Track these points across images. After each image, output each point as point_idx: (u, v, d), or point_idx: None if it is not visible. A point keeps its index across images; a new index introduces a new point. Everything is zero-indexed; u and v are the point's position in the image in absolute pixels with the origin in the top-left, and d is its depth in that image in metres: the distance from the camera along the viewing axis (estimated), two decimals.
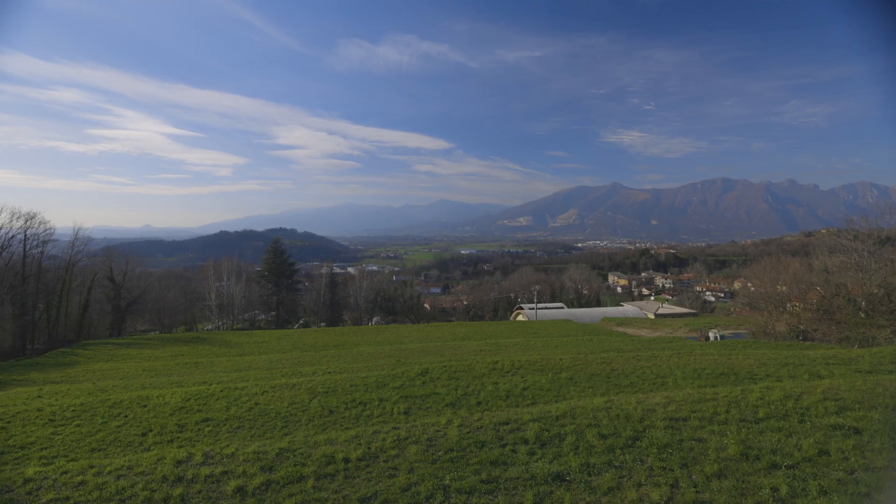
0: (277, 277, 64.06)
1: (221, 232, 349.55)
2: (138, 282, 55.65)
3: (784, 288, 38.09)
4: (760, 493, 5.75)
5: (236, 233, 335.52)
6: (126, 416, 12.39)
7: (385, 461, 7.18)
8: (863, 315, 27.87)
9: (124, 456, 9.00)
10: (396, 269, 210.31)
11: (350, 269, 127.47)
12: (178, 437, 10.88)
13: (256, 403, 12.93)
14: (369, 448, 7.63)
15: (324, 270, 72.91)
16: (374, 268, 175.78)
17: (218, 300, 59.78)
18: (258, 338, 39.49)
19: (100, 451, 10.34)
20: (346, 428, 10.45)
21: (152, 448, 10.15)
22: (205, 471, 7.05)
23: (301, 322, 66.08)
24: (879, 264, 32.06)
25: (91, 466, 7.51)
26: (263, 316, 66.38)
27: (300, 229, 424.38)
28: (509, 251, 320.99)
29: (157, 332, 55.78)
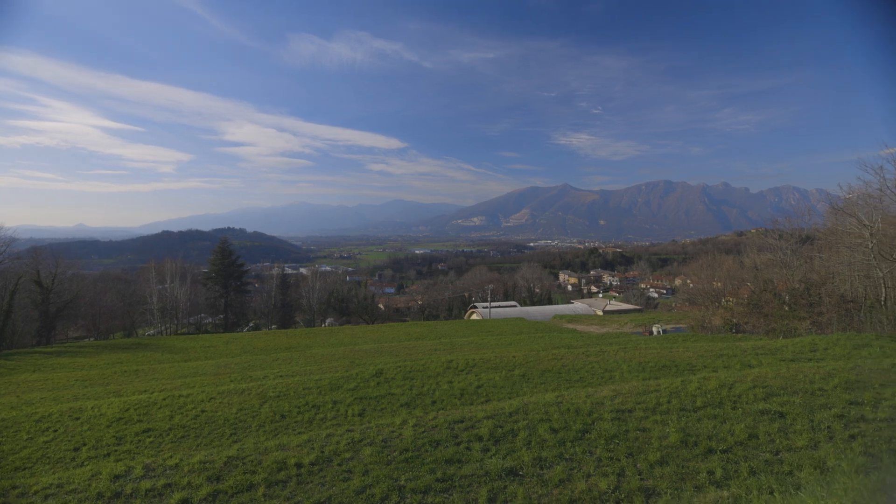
0: (225, 279, 61.48)
1: (164, 232, 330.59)
2: (70, 285, 51.60)
3: (719, 284, 40.67)
4: (698, 477, 6.13)
5: (181, 233, 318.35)
6: (56, 431, 11.51)
7: (339, 464, 7.08)
8: (786, 308, 30.20)
9: (54, 473, 8.37)
10: (350, 269, 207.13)
11: (302, 270, 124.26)
12: (116, 451, 10.24)
13: (203, 411, 12.38)
14: (323, 452, 7.49)
15: (275, 271, 70.73)
16: (328, 268, 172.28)
17: (160, 303, 56.63)
18: (205, 342, 37.74)
19: (25, 469, 9.55)
20: (299, 432, 10.20)
21: (86, 463, 9.49)
22: (146, 484, 6.67)
23: (251, 325, 63.77)
24: (800, 261, 34.89)
25: (14, 487, 6.92)
26: (210, 319, 63.54)
27: (250, 229, 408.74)
28: (463, 251, 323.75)
29: (91, 339, 52.04)
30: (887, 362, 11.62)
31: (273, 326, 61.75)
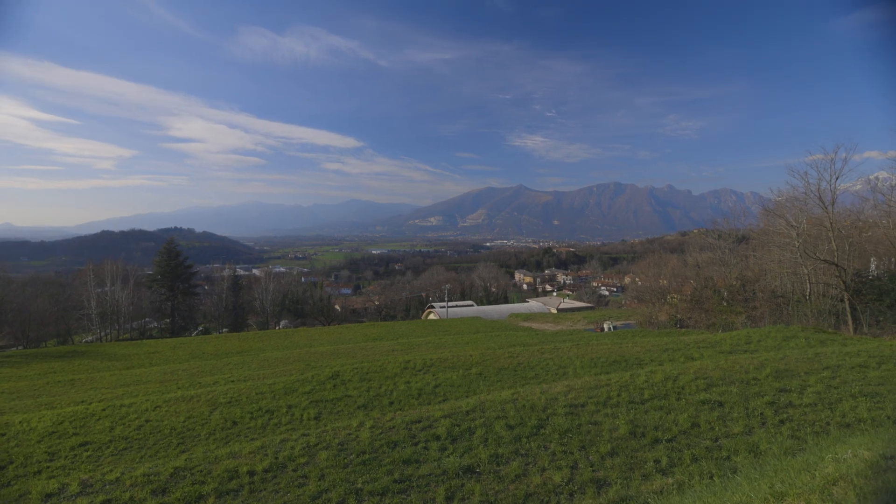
0: (172, 281, 58.46)
1: (104, 232, 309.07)
2: None
3: (665, 282, 42.72)
4: (646, 466, 6.43)
5: (122, 233, 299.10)
6: None
7: (294, 470, 6.91)
8: (725, 304, 32.13)
9: None
10: (305, 270, 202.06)
11: (255, 271, 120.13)
12: (49, 467, 9.53)
13: (147, 420, 11.74)
14: (276, 458, 7.29)
15: (226, 272, 67.92)
16: (282, 269, 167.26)
17: (100, 308, 53.10)
18: (149, 348, 35.75)
19: None
20: (252, 439, 9.87)
21: (13, 483, 8.77)
22: (82, 502, 6.27)
23: (200, 329, 60.98)
24: (737, 259, 37.23)
25: None
26: (156, 324, 60.23)
27: (199, 229, 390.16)
28: (420, 251, 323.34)
29: (20, 348, 48.06)
30: (811, 352, 12.61)
31: (224, 330, 59.38)
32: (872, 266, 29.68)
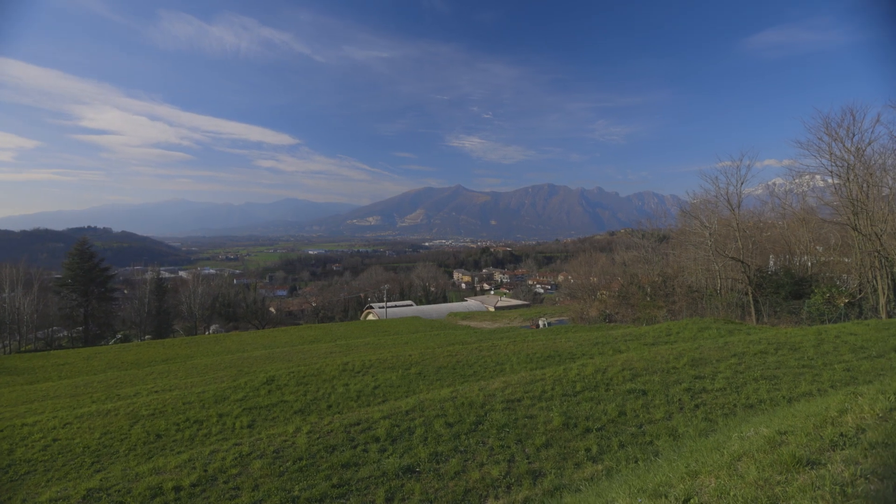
0: (85, 285, 53.25)
1: (1, 231, 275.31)
2: None
3: (595, 279, 45.03)
4: (578, 455, 6.77)
5: (24, 232, 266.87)
6: None
7: (225, 482, 6.58)
8: (648, 299, 34.40)
9: None
10: (237, 271, 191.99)
11: (182, 273, 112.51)
12: None
13: (55, 440, 10.67)
14: (206, 471, 6.91)
15: (148, 275, 62.99)
16: (212, 271, 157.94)
17: None
18: (58, 359, 32.36)
19: None
20: (178, 452, 9.27)
21: None
22: None
23: (119, 336, 56.05)
24: (659, 257, 40.01)
25: None
26: (66, 332, 54.55)
27: (116, 228, 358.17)
28: (359, 251, 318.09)
29: None
30: (722, 341, 13.83)
31: (147, 337, 55.07)
32: (771, 263, 33.06)
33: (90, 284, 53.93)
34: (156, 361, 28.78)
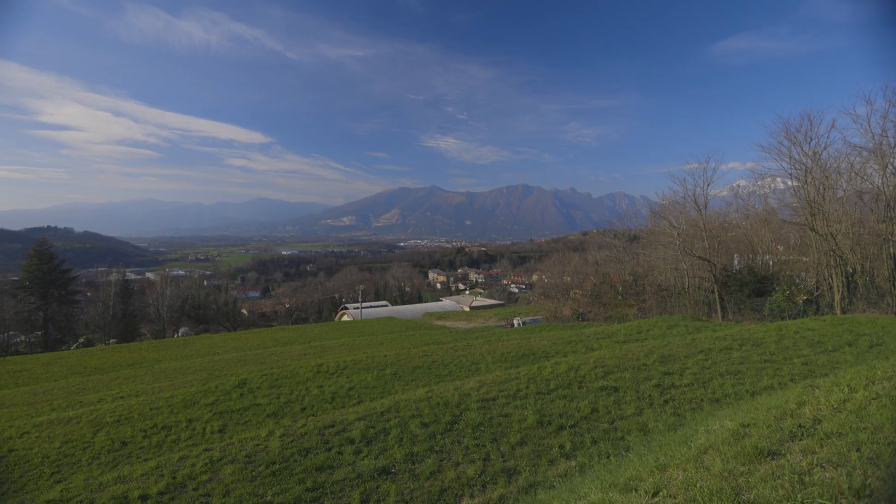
0: (45, 288, 50.92)
1: None
2: None
3: (568, 279, 45.73)
4: (552, 452, 6.87)
5: None
6: None
7: (195, 489, 6.41)
8: (620, 298, 35.16)
9: None
10: (208, 272, 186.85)
11: (149, 275, 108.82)
12: None
13: (11, 450, 10.18)
14: (174, 478, 6.71)
15: (113, 277, 60.59)
16: (181, 272, 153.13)
17: None
18: (14, 366, 30.80)
19: None
20: (145, 459, 8.98)
21: None
22: None
23: (81, 341, 53.75)
24: (630, 257, 40.94)
25: None
26: (24, 338, 52.01)
27: (79, 228, 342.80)
28: (333, 251, 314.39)
29: None
30: (689, 338, 14.26)
31: (112, 341, 53.03)
32: (735, 262, 34.26)
33: (50, 287, 51.66)
34: (121, 366, 27.76)
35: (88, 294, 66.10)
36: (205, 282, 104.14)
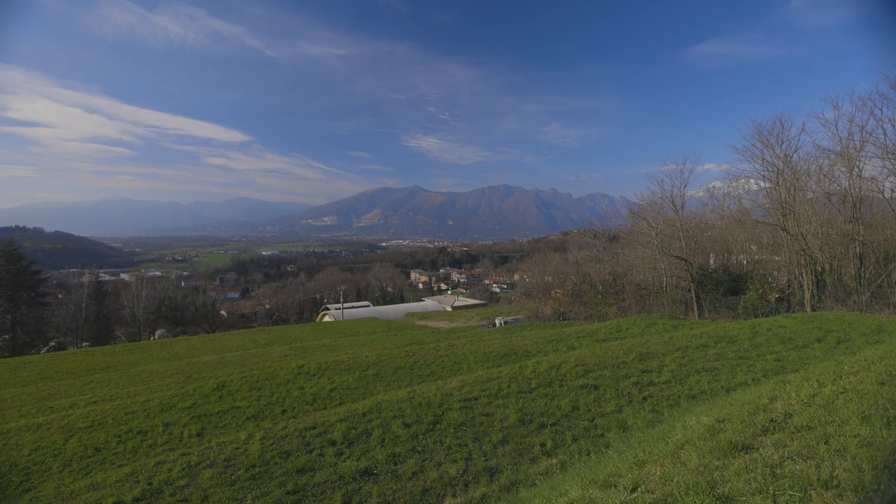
0: (13, 290, 49.06)
1: None
2: None
3: (549, 278, 46.16)
4: (533, 450, 6.93)
5: None
6: None
7: (172, 495, 6.28)
8: (600, 297, 35.64)
9: None
10: (186, 273, 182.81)
11: (124, 276, 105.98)
12: None
13: None
14: (150, 484, 6.56)
15: (86, 278, 58.79)
16: (157, 273, 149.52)
17: None
18: None
19: None
20: (120, 465, 8.75)
21: None
22: None
23: (52, 344, 52.03)
24: (609, 256, 41.55)
25: None
26: None
27: (49, 228, 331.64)
28: (314, 251, 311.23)
29: None
30: (667, 336, 14.55)
31: (85, 344, 51.51)
32: (711, 261, 35.08)
33: (18, 289, 49.87)
34: (94, 370, 26.98)
35: (60, 296, 64.04)
36: (182, 283, 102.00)
